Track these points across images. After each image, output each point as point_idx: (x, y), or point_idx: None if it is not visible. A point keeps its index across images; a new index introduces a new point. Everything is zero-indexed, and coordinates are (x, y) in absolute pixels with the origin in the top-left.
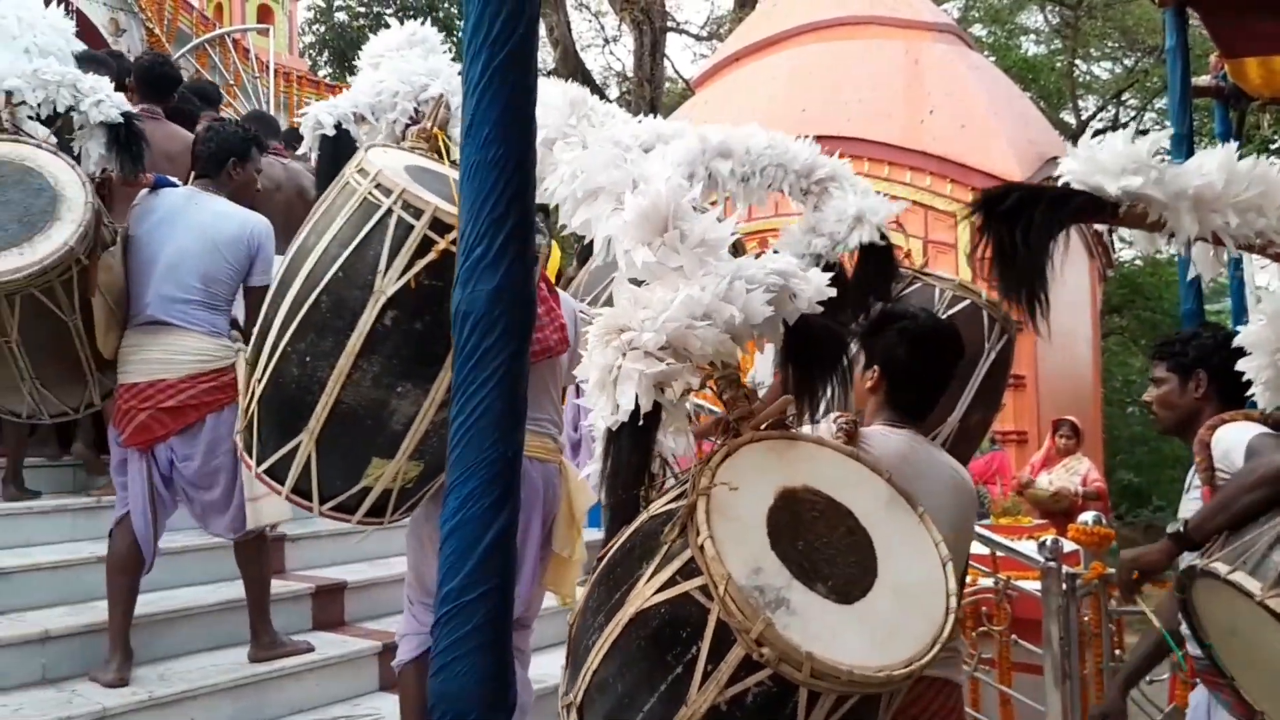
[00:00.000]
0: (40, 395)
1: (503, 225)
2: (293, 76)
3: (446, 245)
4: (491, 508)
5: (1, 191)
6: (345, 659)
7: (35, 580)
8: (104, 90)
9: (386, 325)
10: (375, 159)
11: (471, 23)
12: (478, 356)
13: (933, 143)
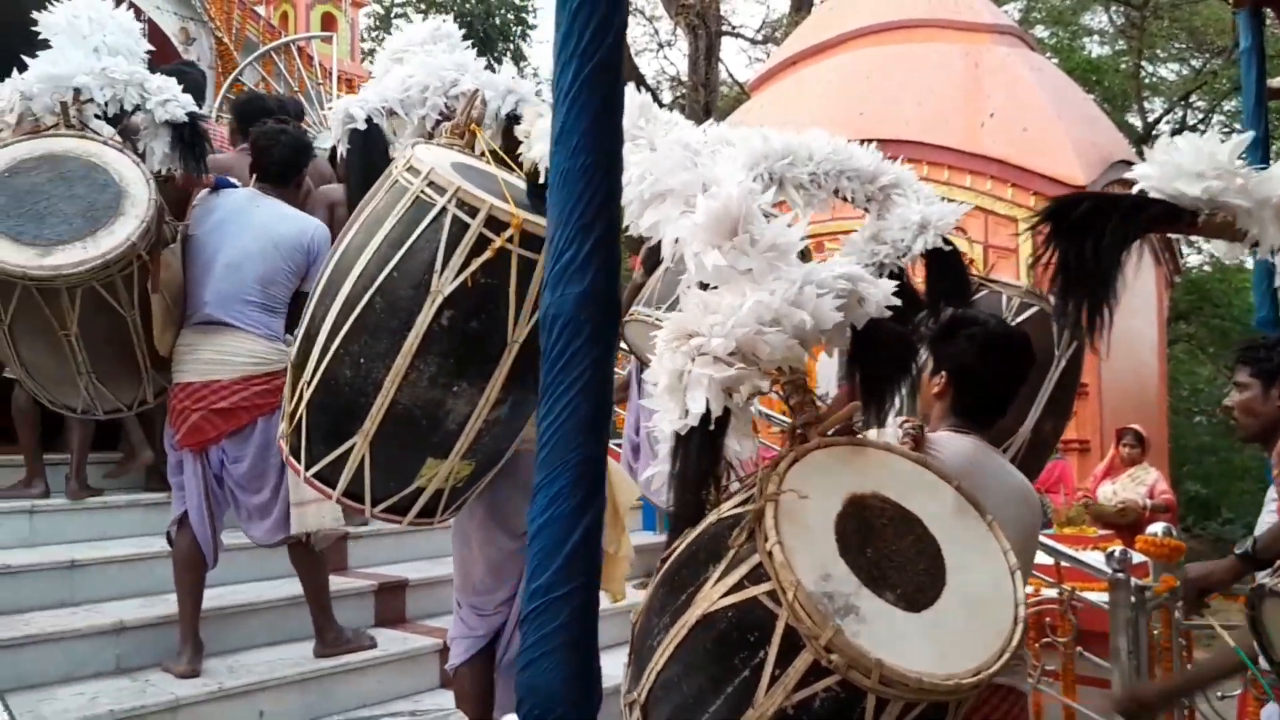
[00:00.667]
0: (96, 390)
1: (591, 231)
2: (354, 82)
3: (502, 243)
4: (578, 507)
5: (68, 186)
6: (407, 655)
7: (109, 573)
8: (171, 90)
9: (443, 325)
10: (424, 157)
11: (562, 33)
12: (566, 359)
13: (993, 146)
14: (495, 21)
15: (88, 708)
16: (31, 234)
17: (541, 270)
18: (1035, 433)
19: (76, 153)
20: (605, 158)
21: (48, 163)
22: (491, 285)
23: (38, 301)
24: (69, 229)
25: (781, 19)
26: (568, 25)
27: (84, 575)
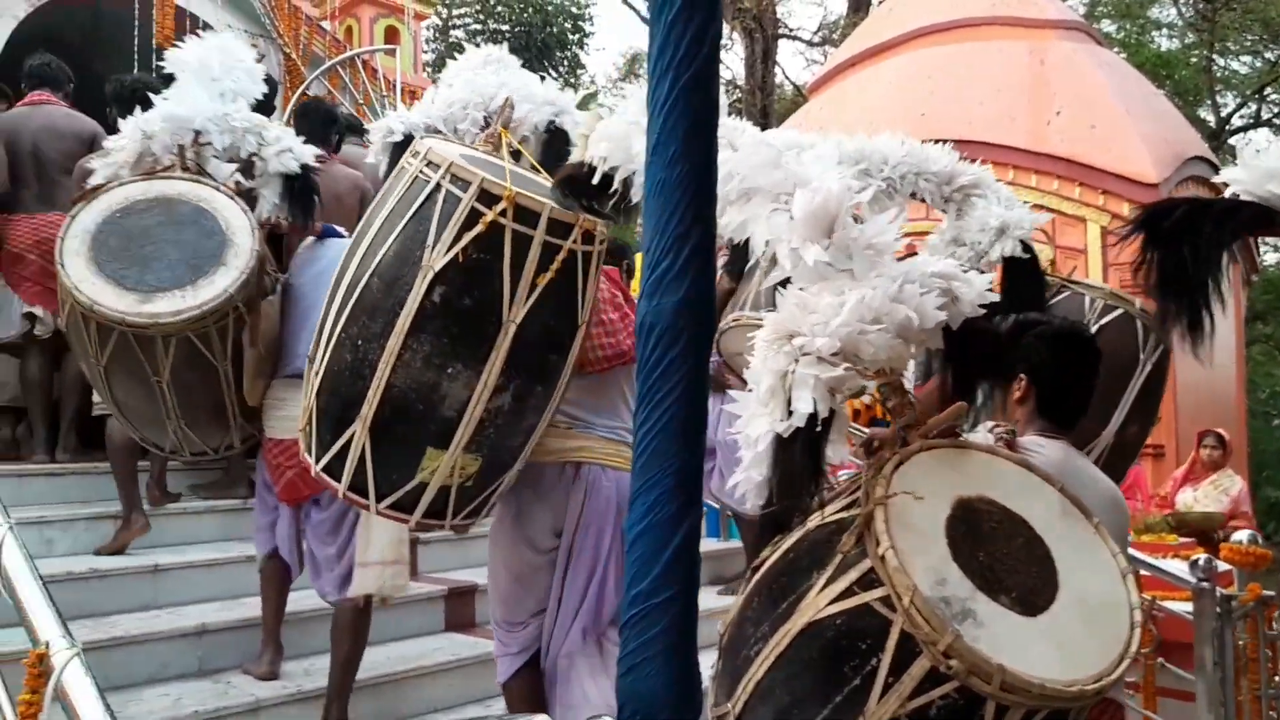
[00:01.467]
0: (183, 434)
1: (687, 240)
2: (417, 93)
3: (494, 217)
4: (676, 515)
5: (176, 230)
6: (477, 660)
7: (191, 577)
8: (288, 140)
9: (435, 302)
10: (429, 143)
11: (657, 45)
12: (663, 368)
13: (1060, 144)
14: (553, 30)
15: (173, 708)
16: (135, 279)
17: (537, 247)
18: (1119, 437)
19: (189, 196)
20: (701, 167)
21: (160, 205)
22: (484, 261)
23: (134, 347)
24: (171, 276)
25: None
26: (663, 38)
27: (166, 579)
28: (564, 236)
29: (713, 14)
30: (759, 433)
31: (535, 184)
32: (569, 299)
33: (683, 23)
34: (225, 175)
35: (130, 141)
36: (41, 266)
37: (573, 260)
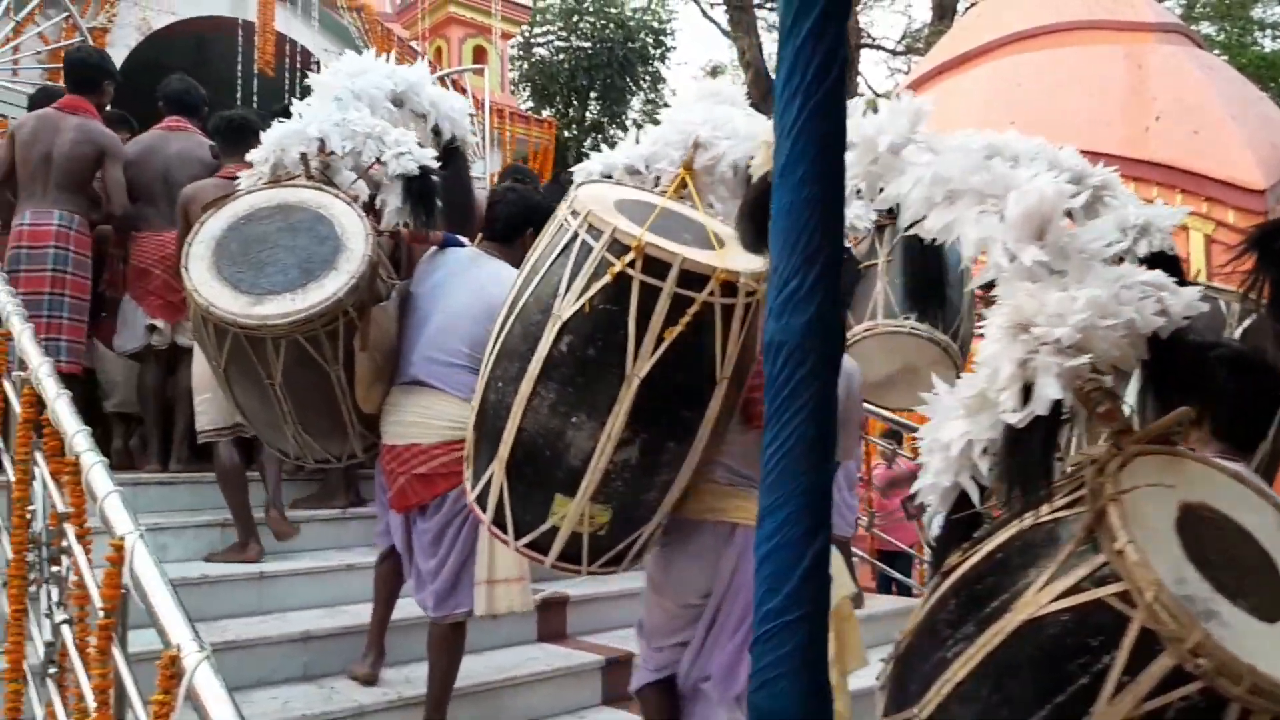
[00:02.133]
0: (303, 440)
1: (815, 261)
2: (505, 112)
3: (622, 267)
4: (806, 534)
5: (292, 235)
6: (570, 671)
7: (295, 584)
8: (408, 143)
9: (562, 351)
10: (583, 190)
11: (785, 70)
12: (791, 386)
13: (1160, 151)
14: (634, 45)
15: (281, 712)
16: (249, 282)
17: (666, 299)
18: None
19: (308, 203)
20: (830, 190)
21: (281, 212)
22: (611, 312)
23: (247, 349)
24: (283, 279)
25: (923, 29)
26: (791, 62)
27: (272, 586)
28: (698, 288)
29: (839, 39)
30: (952, 437)
31: (693, 229)
32: (704, 354)
33: (810, 49)
34: (347, 183)
35: (264, 155)
36: (165, 281)
37: (708, 313)
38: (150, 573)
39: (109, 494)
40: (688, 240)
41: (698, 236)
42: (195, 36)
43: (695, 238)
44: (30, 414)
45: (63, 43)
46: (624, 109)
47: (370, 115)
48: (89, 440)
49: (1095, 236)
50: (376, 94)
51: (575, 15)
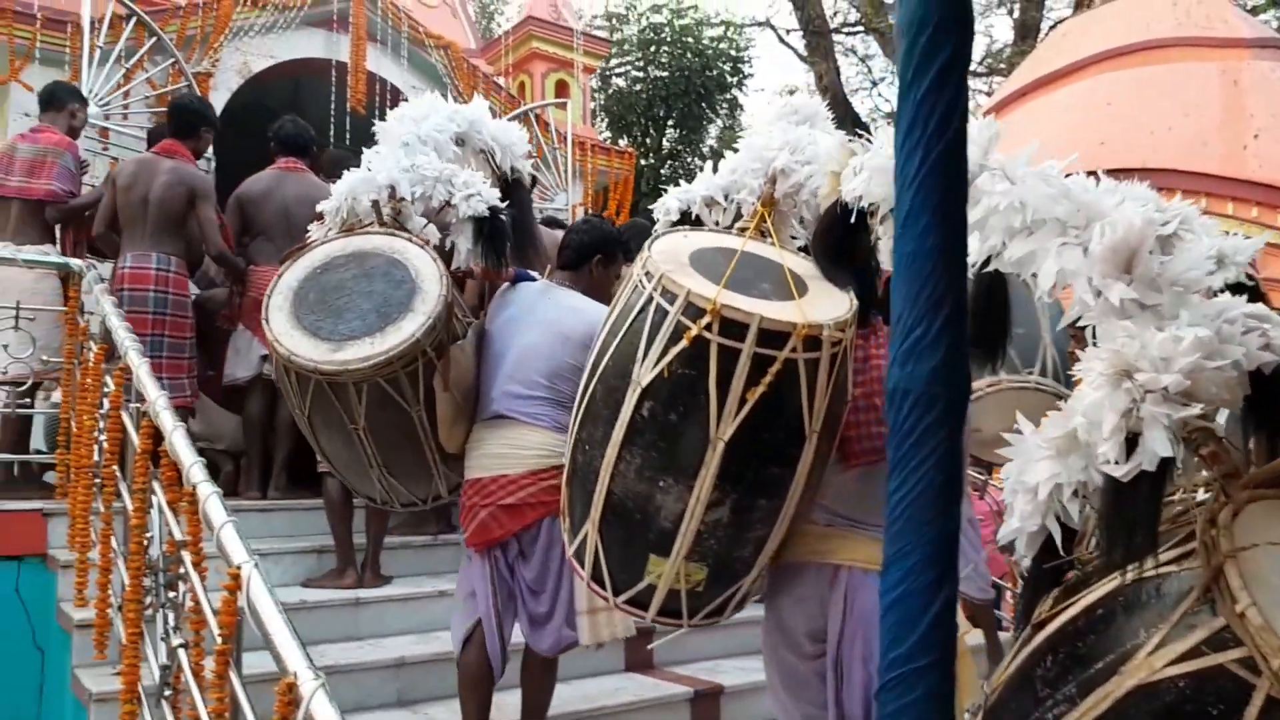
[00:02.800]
0: (389, 483)
1: (940, 309)
2: (586, 144)
3: (699, 331)
4: (933, 583)
5: (369, 281)
6: (659, 702)
7: (389, 610)
8: (476, 185)
9: (644, 416)
10: (657, 245)
11: (906, 120)
12: (917, 434)
13: (1259, 169)
14: (712, 74)
15: None
16: (329, 330)
17: (746, 361)
18: None
19: (382, 249)
20: (952, 239)
21: (355, 259)
22: (690, 377)
23: (330, 395)
24: (362, 324)
25: (1005, 49)
26: (912, 114)
27: (366, 612)
28: (778, 346)
29: (960, 90)
30: (1039, 480)
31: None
32: (790, 410)
33: (932, 100)
34: (418, 228)
35: (336, 205)
36: None
37: (791, 370)
38: (265, 601)
39: (224, 524)
40: (767, 291)
41: (777, 284)
42: (292, 77)
43: (775, 285)
44: (148, 445)
45: (169, 87)
46: (701, 136)
47: (437, 158)
48: (204, 471)
49: (1189, 266)
50: (441, 137)
51: (653, 46)
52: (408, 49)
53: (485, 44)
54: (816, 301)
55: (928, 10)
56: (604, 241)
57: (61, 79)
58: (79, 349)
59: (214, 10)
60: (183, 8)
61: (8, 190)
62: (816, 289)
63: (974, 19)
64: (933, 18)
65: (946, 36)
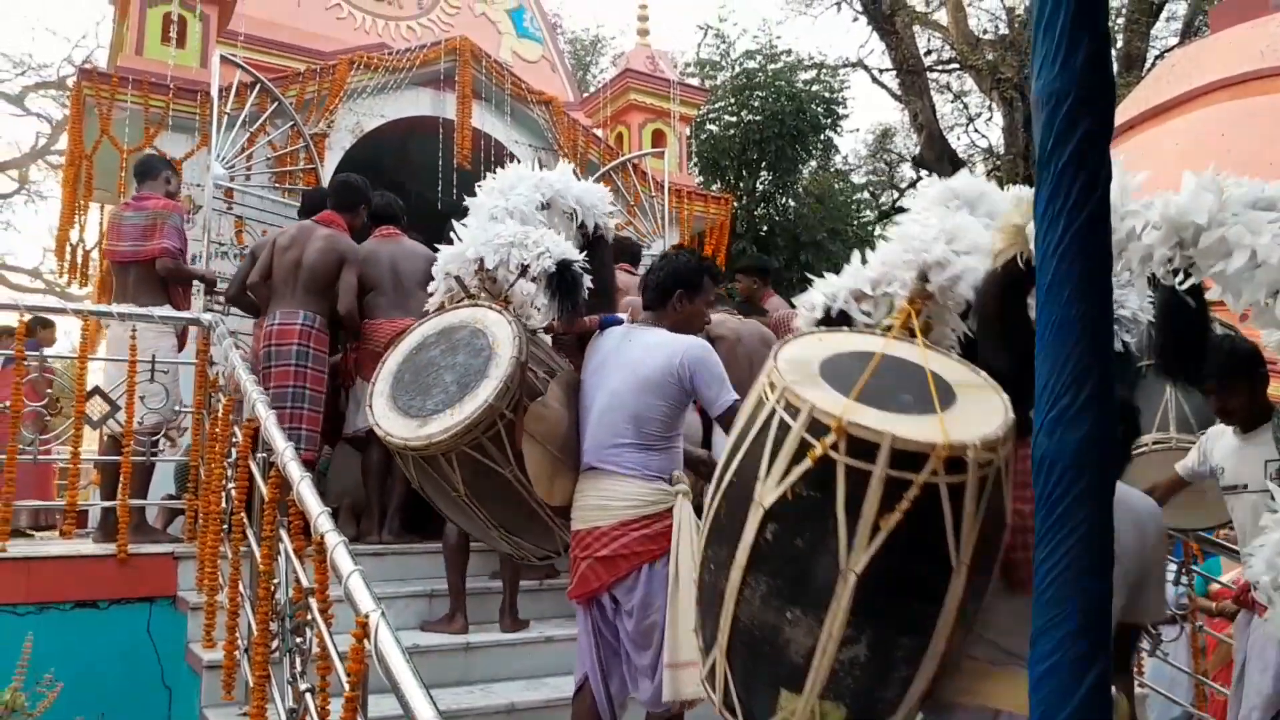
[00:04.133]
0: (513, 541)
1: (1087, 378)
2: (683, 192)
3: (824, 450)
4: (1084, 657)
5: (453, 354)
6: None
7: (499, 656)
8: (547, 242)
9: (768, 540)
10: (785, 352)
11: (1047, 191)
12: (1066, 505)
13: None
14: (806, 116)
15: None
16: (418, 406)
17: (878, 485)
18: None
19: (466, 321)
20: (1097, 307)
21: (444, 336)
22: (816, 500)
23: (428, 468)
24: (444, 397)
25: None
26: (1054, 183)
27: (477, 657)
28: (915, 469)
29: (1103, 159)
30: None
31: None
32: (933, 540)
33: (1072, 171)
34: (521, 292)
35: (437, 283)
36: None
37: (931, 495)
38: (392, 649)
39: (351, 573)
40: (906, 402)
41: (920, 394)
42: (401, 135)
43: (917, 396)
44: (276, 495)
45: (288, 149)
46: (795, 178)
47: (519, 226)
48: (331, 521)
49: None
50: (526, 207)
51: (746, 90)
52: (511, 105)
53: (584, 97)
54: (965, 415)
55: (1067, 83)
56: (682, 275)
57: (191, 145)
58: (208, 399)
59: (330, 75)
60: (302, 74)
61: (122, 256)
62: (967, 399)
63: (1115, 88)
64: (1072, 90)
65: (1087, 109)
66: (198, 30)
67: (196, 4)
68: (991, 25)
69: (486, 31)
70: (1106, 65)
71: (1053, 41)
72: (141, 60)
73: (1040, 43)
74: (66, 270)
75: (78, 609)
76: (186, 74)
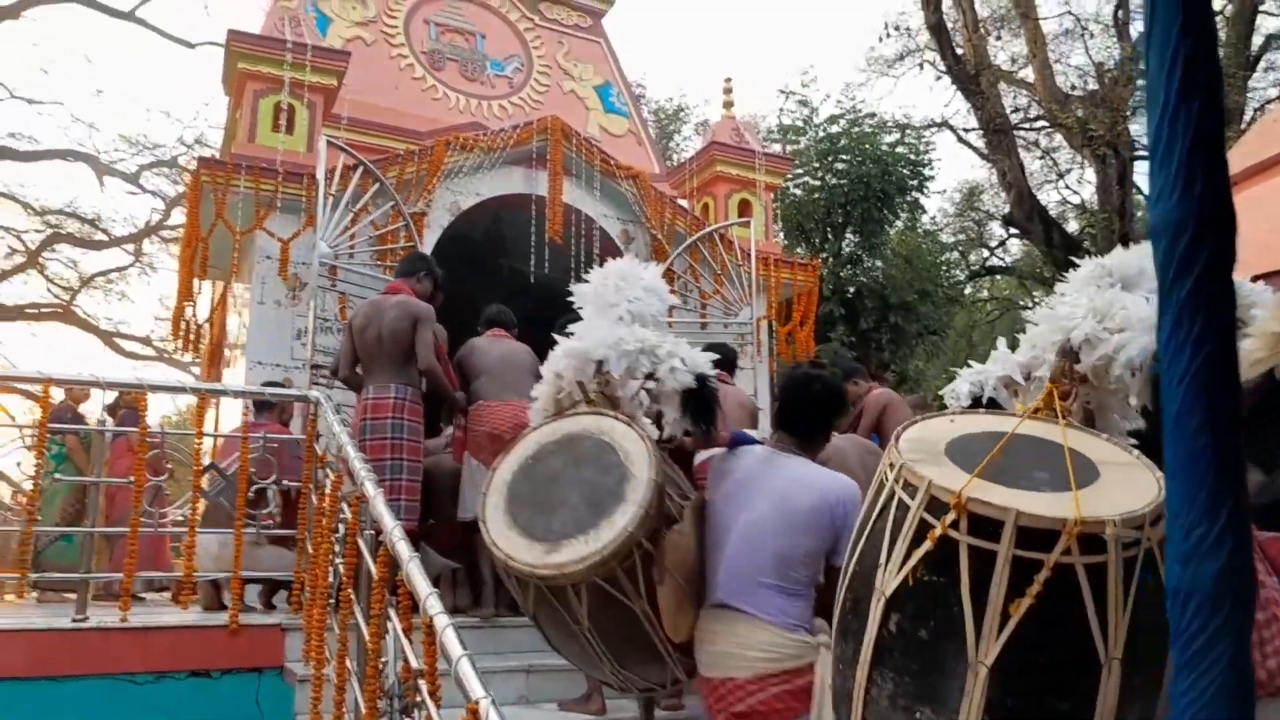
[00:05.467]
0: (622, 674)
1: (1220, 508)
2: (769, 259)
3: (944, 530)
4: None
5: (578, 469)
6: None
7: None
8: (681, 353)
9: (892, 632)
10: (909, 433)
11: (1170, 319)
12: (1205, 638)
13: None
14: (891, 177)
15: None
16: (542, 528)
17: (1004, 566)
18: None
19: (590, 431)
20: (1227, 436)
21: (565, 446)
22: (939, 585)
23: (549, 597)
24: (574, 520)
25: None
26: (1177, 313)
27: None
28: (1045, 548)
29: (1227, 285)
30: None
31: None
32: (1073, 629)
33: (1195, 300)
34: (632, 391)
35: (545, 384)
36: None
37: (1067, 578)
38: None
39: (461, 657)
40: (1040, 480)
41: (1056, 472)
42: (493, 211)
43: (1055, 473)
44: (385, 573)
45: (389, 227)
46: (882, 240)
47: (640, 328)
48: (440, 603)
49: None
50: (646, 312)
51: (830, 155)
52: (599, 180)
53: (670, 170)
54: (1107, 491)
55: (1186, 213)
56: (836, 405)
57: (298, 225)
58: (315, 474)
59: (428, 156)
60: (401, 155)
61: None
62: (1113, 476)
63: (1235, 214)
64: (1192, 221)
65: (1208, 237)
66: (305, 117)
67: (304, 93)
68: (1080, 81)
69: (574, 108)
70: (1227, 191)
71: (1170, 171)
72: (253, 147)
73: (1157, 172)
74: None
75: (191, 678)
76: (294, 158)
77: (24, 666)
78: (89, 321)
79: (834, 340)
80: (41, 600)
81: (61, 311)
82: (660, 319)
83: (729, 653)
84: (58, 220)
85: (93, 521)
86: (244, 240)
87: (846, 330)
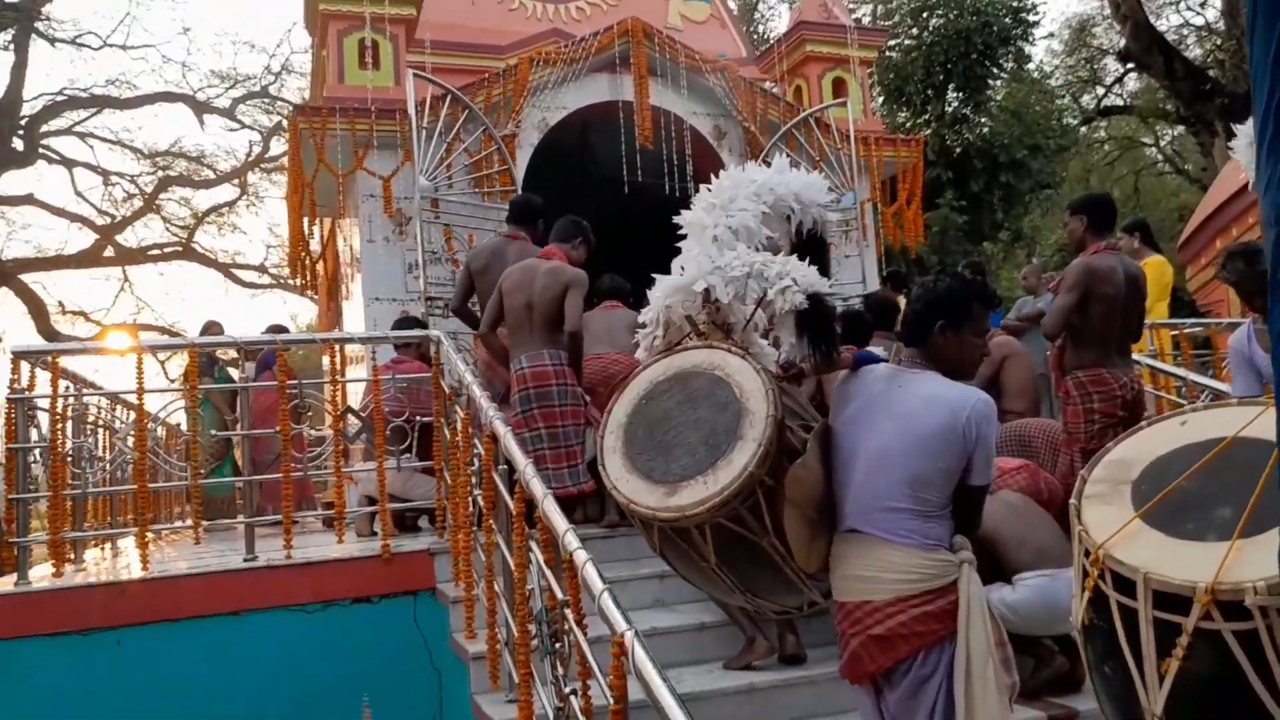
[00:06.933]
0: (756, 602)
1: None
2: (869, 139)
3: (1094, 580)
4: None
5: (693, 408)
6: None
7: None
8: (792, 273)
9: (1091, 660)
10: (1119, 447)
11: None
12: None
13: None
14: (993, 29)
15: None
16: (661, 471)
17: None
18: None
19: (703, 366)
20: None
21: (678, 383)
22: (1103, 629)
23: (674, 538)
24: (692, 461)
25: None
26: None
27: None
28: (1183, 612)
29: None
30: None
31: (1247, 489)
32: (1234, 694)
33: None
34: (745, 318)
35: (652, 315)
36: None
37: (1214, 644)
38: (649, 669)
39: (602, 591)
40: (1213, 522)
41: (1241, 508)
42: (581, 123)
43: (1237, 511)
44: (522, 508)
45: (482, 153)
46: (987, 95)
47: (745, 249)
48: (578, 538)
49: None
50: (753, 223)
51: (924, 12)
52: (686, 78)
53: (758, 53)
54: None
55: None
56: (942, 304)
57: (396, 161)
58: (445, 408)
59: (513, 75)
60: (486, 78)
61: None
62: None
63: None
64: None
65: None
66: (389, 50)
67: (386, 25)
68: None
69: (653, 1)
70: None
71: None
72: (343, 87)
73: (1265, 161)
74: (300, 281)
75: (354, 604)
76: (384, 94)
77: (204, 604)
78: (208, 256)
79: (943, 206)
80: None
81: (182, 249)
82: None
83: (866, 576)
84: (166, 161)
85: (247, 469)
86: (346, 180)
87: (955, 195)
